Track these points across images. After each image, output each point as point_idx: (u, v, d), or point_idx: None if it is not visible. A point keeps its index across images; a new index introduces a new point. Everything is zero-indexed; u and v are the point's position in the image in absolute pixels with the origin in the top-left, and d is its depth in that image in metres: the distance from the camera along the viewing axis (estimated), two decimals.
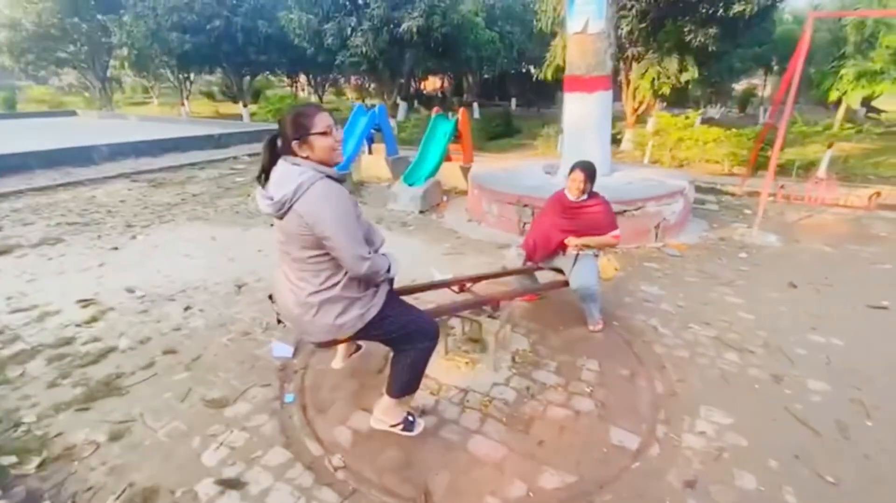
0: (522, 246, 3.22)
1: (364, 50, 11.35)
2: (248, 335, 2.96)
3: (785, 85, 5.14)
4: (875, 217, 5.57)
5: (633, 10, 7.74)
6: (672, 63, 7.97)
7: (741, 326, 3.08)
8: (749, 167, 6.38)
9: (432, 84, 28.25)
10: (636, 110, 9.82)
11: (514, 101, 23.27)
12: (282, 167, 1.62)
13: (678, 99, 11.40)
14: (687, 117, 8.31)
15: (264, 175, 1.66)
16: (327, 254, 1.65)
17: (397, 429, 2.04)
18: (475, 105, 18.85)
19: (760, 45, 11.20)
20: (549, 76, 9.44)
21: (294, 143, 1.59)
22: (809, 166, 7.12)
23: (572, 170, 2.95)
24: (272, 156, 1.65)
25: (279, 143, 1.65)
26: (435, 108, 6.63)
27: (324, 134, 1.59)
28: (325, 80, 23.59)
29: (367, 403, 2.30)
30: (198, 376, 2.54)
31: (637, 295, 3.56)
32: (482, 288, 2.94)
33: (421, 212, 5.68)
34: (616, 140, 9.47)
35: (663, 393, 2.42)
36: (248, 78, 18.27)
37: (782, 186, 6.00)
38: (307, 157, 1.61)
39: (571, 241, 2.95)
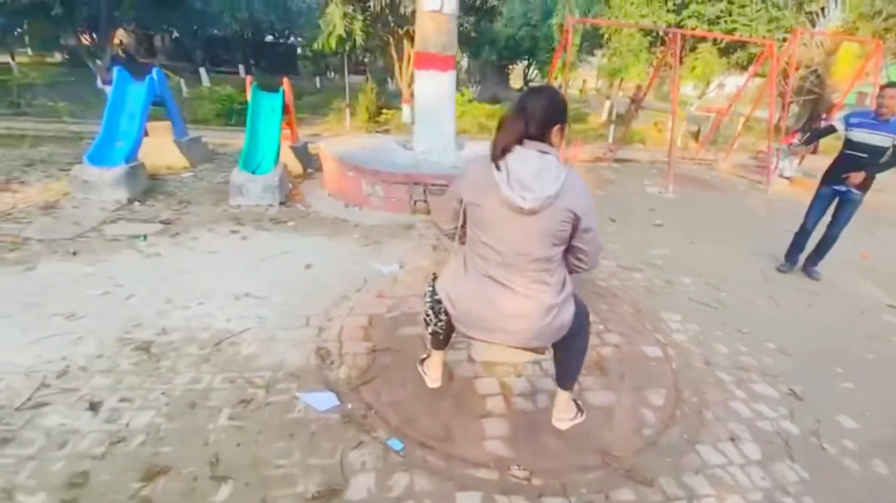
0: None
1: None
2: (250, 405, 2.16)
3: (552, 70, 6.78)
4: (606, 168, 8.23)
5: None
6: None
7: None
8: None
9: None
10: (410, 86, 10.62)
11: (242, 68, 20.64)
12: (532, 156, 1.44)
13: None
14: (462, 94, 9.65)
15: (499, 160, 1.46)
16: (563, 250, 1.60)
17: (577, 420, 2.05)
18: (202, 71, 15.79)
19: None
20: (332, 46, 8.96)
21: (555, 128, 1.47)
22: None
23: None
24: (516, 139, 1.44)
25: (520, 123, 1.45)
26: (249, 79, 5.47)
27: None
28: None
29: (481, 410, 2.21)
30: (255, 482, 1.77)
31: None
32: None
33: (281, 203, 4.83)
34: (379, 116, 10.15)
35: (632, 310, 3.26)
36: None
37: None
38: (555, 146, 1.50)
39: None
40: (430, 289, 1.93)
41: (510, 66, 21.29)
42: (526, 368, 2.55)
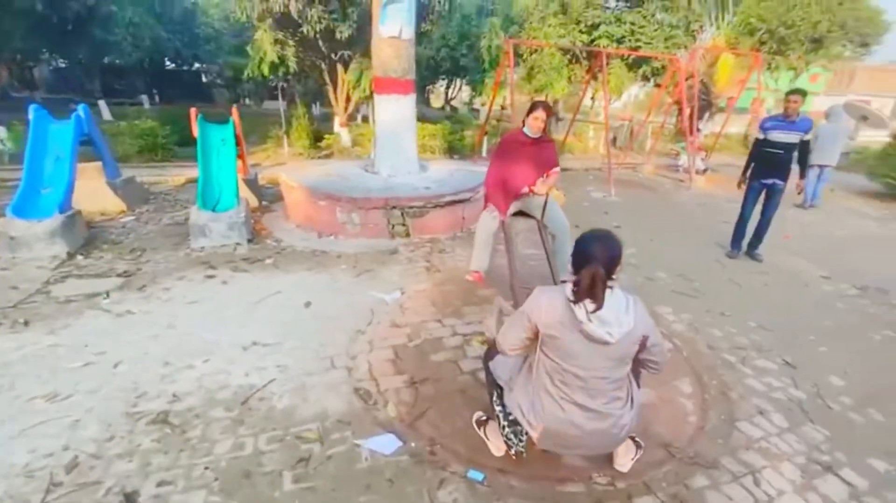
0: (487, 199, 3.38)
1: None
2: (311, 462, 2.00)
3: (496, 88, 7.11)
4: None
5: (355, 16, 8.17)
6: None
7: None
8: (476, 149, 8.41)
9: None
10: (347, 109, 10.46)
11: (145, 98, 18.95)
12: (608, 295, 1.58)
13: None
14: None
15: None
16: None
17: (637, 456, 2.08)
18: (102, 104, 14.23)
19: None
20: (266, 72, 8.55)
21: (618, 268, 1.62)
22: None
23: (534, 109, 3.19)
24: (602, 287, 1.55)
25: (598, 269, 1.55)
26: (193, 111, 5.04)
27: None
28: None
29: None
30: None
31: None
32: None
33: (249, 240, 4.50)
34: (320, 138, 9.91)
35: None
36: None
37: None
38: None
39: (540, 184, 3.27)
40: (503, 405, 1.93)
41: (430, 87, 21.84)
42: None
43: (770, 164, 4.44)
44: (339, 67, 9.74)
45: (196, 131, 4.93)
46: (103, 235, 4.52)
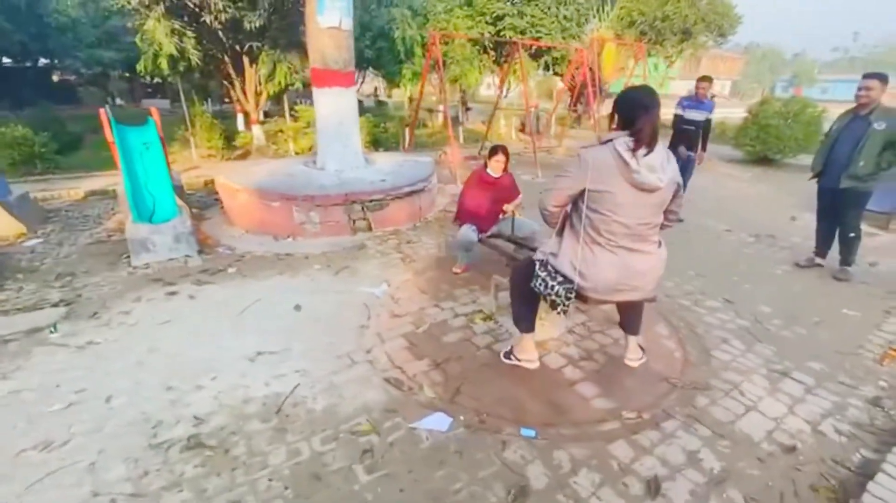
0: (460, 219, 3.74)
1: None
2: (376, 452, 2.02)
3: (423, 80, 7.21)
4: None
5: (266, 3, 7.55)
6: (297, 60, 8.54)
7: None
8: (410, 143, 8.43)
9: None
10: (259, 105, 9.74)
11: None
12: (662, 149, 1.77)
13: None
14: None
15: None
16: None
17: (643, 360, 2.45)
18: None
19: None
20: (164, 67, 7.56)
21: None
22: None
23: (494, 153, 3.65)
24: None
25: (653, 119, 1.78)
26: (102, 112, 4.36)
27: None
28: None
29: (564, 381, 2.55)
30: None
31: None
32: None
33: (200, 251, 4.11)
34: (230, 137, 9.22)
35: None
36: None
37: (444, 153, 8.47)
38: None
39: (508, 207, 3.74)
40: (548, 271, 2.09)
41: None
42: (559, 340, 2.91)
43: (684, 137, 5.26)
44: (246, 60, 9.06)
45: (110, 136, 4.33)
46: (10, 263, 3.81)
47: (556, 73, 14.11)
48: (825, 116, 9.25)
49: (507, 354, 2.49)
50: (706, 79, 5.12)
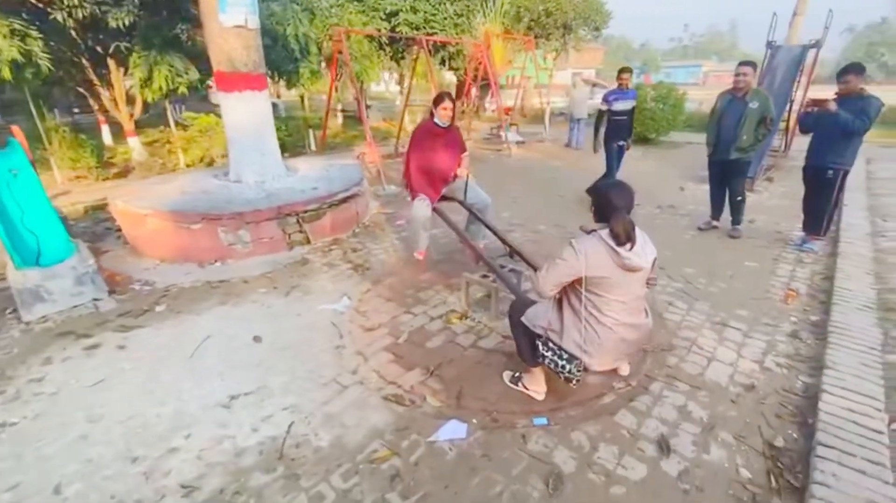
0: (414, 188, 3.58)
1: None
2: (406, 477, 1.94)
3: (333, 79, 6.89)
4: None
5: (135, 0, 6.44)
6: (177, 61, 7.49)
7: None
8: (321, 145, 7.95)
9: None
10: (133, 115, 8.42)
11: None
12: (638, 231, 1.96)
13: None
14: (209, 114, 8.41)
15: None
16: None
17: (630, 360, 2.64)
18: None
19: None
20: (7, 75, 6.04)
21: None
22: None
23: (441, 100, 3.49)
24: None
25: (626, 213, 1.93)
26: None
27: None
28: None
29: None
30: None
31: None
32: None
33: (111, 293, 3.48)
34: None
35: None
36: None
37: (363, 153, 8.14)
38: None
39: (461, 171, 3.70)
40: (552, 349, 2.14)
41: (210, 84, 19.28)
42: None
43: (619, 128, 5.71)
44: (112, 64, 7.79)
45: None
46: None
47: (451, 69, 14.43)
48: (686, 98, 10.83)
49: (515, 380, 2.50)
50: (627, 70, 5.57)
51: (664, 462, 1.97)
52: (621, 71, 5.66)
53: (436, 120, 3.56)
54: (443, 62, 13.32)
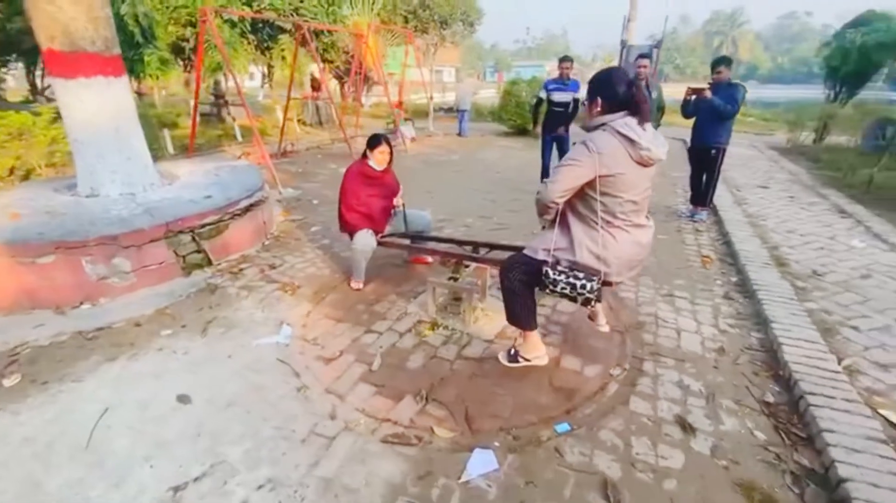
0: (353, 228, 3.27)
1: None
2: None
3: (199, 70, 5.78)
4: (311, 159, 7.96)
5: None
6: None
7: None
8: (191, 146, 6.63)
9: None
10: None
11: None
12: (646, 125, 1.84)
13: None
14: (39, 112, 6.40)
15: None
16: None
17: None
18: None
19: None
20: None
21: None
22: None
23: (377, 144, 3.28)
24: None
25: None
26: None
27: None
28: None
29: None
30: None
31: None
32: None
33: None
34: None
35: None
36: None
37: (247, 153, 6.96)
38: None
39: (398, 200, 3.45)
40: (564, 270, 1.98)
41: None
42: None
43: (556, 119, 5.56)
44: None
45: None
46: None
47: (325, 61, 13.50)
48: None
49: (512, 358, 2.30)
50: (568, 59, 5.44)
51: (693, 442, 1.96)
52: (562, 60, 5.47)
53: (371, 163, 3.31)
54: (318, 54, 12.34)
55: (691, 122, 4.80)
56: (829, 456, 1.80)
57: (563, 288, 1.98)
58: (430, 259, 3.87)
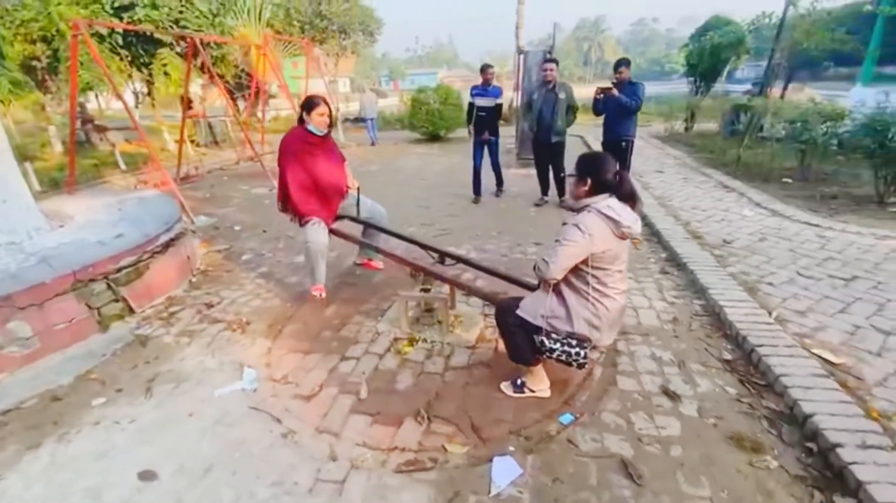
0: (303, 213, 3.10)
1: None
2: None
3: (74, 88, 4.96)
4: (218, 183, 7.12)
5: None
6: None
7: None
8: (71, 176, 5.61)
9: None
10: None
11: None
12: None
13: None
14: None
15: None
16: None
17: None
18: None
19: None
20: None
21: None
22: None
23: (315, 105, 3.07)
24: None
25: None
26: None
27: None
28: None
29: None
30: None
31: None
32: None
33: None
34: None
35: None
36: None
37: (144, 181, 6.00)
38: None
39: (353, 184, 3.36)
40: (558, 339, 2.03)
41: None
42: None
43: (481, 123, 5.62)
44: None
45: None
46: None
47: (216, 76, 12.40)
48: (462, 98, 12.19)
49: (518, 388, 2.27)
50: (490, 66, 5.57)
51: (682, 407, 2.14)
52: (484, 67, 5.61)
53: (310, 127, 3.08)
54: (201, 68, 11.32)
55: (601, 118, 5.27)
56: (790, 396, 2.08)
57: (559, 355, 2.06)
58: (380, 265, 3.77)
